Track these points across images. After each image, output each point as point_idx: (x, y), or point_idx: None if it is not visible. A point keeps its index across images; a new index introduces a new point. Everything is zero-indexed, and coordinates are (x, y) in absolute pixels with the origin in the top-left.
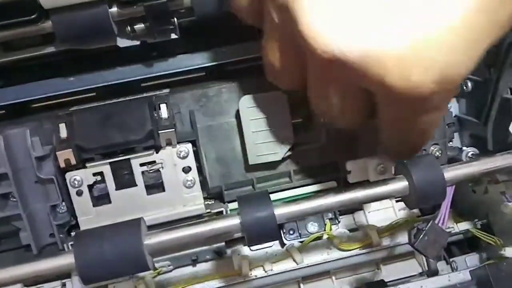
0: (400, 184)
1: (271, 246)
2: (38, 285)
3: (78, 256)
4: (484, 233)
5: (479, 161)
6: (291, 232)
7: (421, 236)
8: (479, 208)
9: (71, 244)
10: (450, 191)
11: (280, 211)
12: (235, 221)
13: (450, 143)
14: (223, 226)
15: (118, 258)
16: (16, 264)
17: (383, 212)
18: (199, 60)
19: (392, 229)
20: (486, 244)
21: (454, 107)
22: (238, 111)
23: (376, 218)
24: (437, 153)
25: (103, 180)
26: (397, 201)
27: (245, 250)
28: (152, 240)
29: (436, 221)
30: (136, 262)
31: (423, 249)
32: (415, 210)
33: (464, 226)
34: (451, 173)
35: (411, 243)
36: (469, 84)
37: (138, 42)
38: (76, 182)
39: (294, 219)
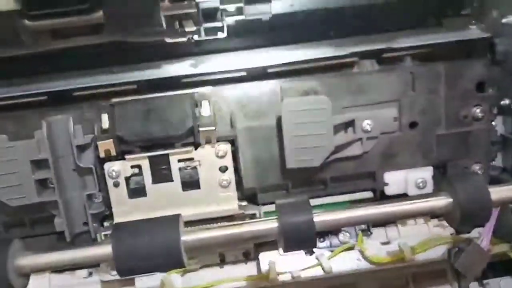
0: (443, 201)
1: (299, 253)
2: (66, 272)
3: (116, 247)
4: None
5: None
6: (321, 239)
7: (462, 256)
8: None
9: (105, 234)
10: (495, 213)
11: (319, 219)
12: (273, 225)
13: (493, 162)
14: (261, 229)
15: (155, 253)
16: (49, 251)
17: (417, 228)
18: (242, 60)
19: (425, 245)
20: None
21: (499, 125)
22: (279, 114)
23: (409, 233)
24: (479, 172)
25: (140, 173)
26: (431, 217)
27: (274, 254)
28: (190, 237)
29: (479, 242)
30: (172, 258)
31: (463, 269)
32: (450, 229)
33: (501, 248)
34: (498, 194)
35: (452, 262)
36: None
37: (185, 39)
38: (114, 173)
39: (332, 228)
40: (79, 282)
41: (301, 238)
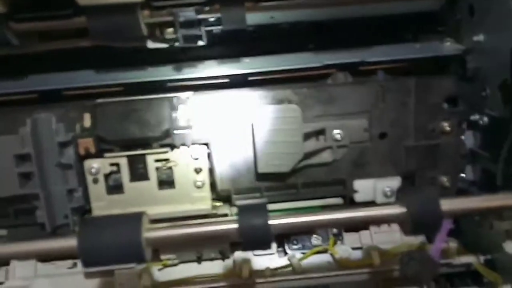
0: (397, 211)
1: (273, 253)
2: (52, 262)
3: (81, 240)
4: (486, 268)
5: (479, 198)
6: (294, 242)
7: (411, 263)
8: (484, 243)
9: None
10: (446, 223)
11: (275, 222)
12: (233, 226)
13: (462, 174)
14: (222, 230)
15: (118, 247)
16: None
17: (389, 235)
18: (224, 68)
19: (393, 252)
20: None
21: (468, 139)
22: (253, 120)
23: (381, 239)
24: (447, 183)
25: (118, 171)
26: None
27: (249, 254)
28: (152, 234)
29: (430, 251)
30: (133, 253)
31: (412, 276)
32: (422, 237)
33: (467, 259)
34: (448, 206)
35: (402, 269)
36: (485, 118)
37: (166, 45)
38: (93, 170)
39: (287, 232)
40: (63, 272)
41: (258, 240)
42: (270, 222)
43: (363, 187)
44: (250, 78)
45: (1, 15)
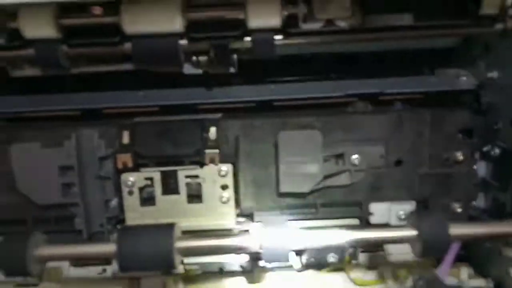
0: (409, 233)
1: (292, 269)
2: (84, 266)
3: (119, 246)
4: None
5: (485, 224)
6: (312, 260)
7: (421, 284)
8: (493, 267)
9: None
10: (455, 247)
11: (293, 239)
12: (254, 240)
13: (474, 202)
14: (244, 242)
15: (152, 254)
16: (63, 244)
17: (403, 257)
18: (251, 93)
19: (407, 273)
20: None
21: (481, 169)
22: (277, 143)
23: (395, 260)
24: (459, 210)
25: (152, 185)
26: None
27: (268, 269)
28: (182, 244)
29: (438, 272)
30: (165, 260)
31: None
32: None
33: (477, 283)
34: (457, 230)
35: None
36: (497, 150)
37: (200, 71)
38: (129, 183)
39: (304, 248)
40: (94, 278)
41: (278, 255)
42: (288, 238)
43: (379, 210)
44: (275, 104)
45: (56, 41)
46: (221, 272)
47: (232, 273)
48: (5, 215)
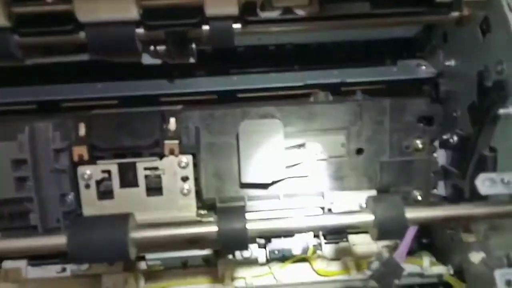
0: (365, 217)
1: (256, 262)
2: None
3: (70, 237)
4: (454, 279)
5: (440, 207)
6: (276, 252)
7: (378, 267)
8: (454, 254)
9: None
10: (412, 230)
11: (252, 226)
12: (213, 228)
13: (434, 190)
14: (202, 232)
15: (105, 245)
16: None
17: (366, 247)
18: (213, 84)
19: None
20: None
21: (440, 157)
22: (238, 133)
23: (359, 251)
24: (419, 197)
25: (109, 178)
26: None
27: (232, 262)
28: (137, 234)
29: (394, 256)
30: (119, 251)
31: (377, 280)
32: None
33: (438, 270)
34: (412, 214)
35: (368, 270)
36: (455, 137)
37: (159, 61)
38: (86, 176)
39: (263, 235)
40: (53, 276)
41: (236, 242)
42: (248, 225)
43: (340, 199)
44: (238, 95)
45: (6, 29)
46: (185, 267)
47: (196, 268)
48: None
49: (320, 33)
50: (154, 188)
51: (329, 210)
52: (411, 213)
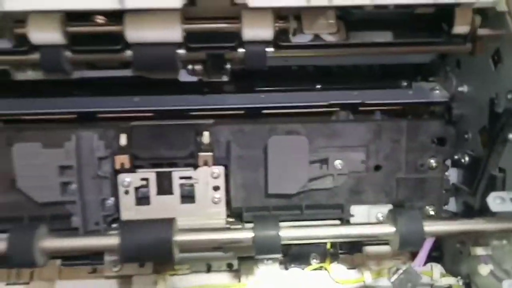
0: (387, 229)
1: (276, 269)
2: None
3: (122, 238)
4: None
5: (455, 221)
6: (295, 261)
7: (398, 274)
8: (463, 267)
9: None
10: (429, 242)
11: (284, 234)
12: (249, 234)
13: (446, 206)
14: (239, 237)
15: (153, 246)
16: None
17: (380, 258)
18: (242, 101)
19: (384, 272)
20: None
21: (452, 175)
22: (266, 148)
23: (373, 261)
24: (432, 212)
25: (147, 185)
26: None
27: (254, 268)
28: (181, 237)
29: (413, 265)
30: (165, 252)
31: (397, 286)
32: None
33: (448, 281)
34: (430, 227)
35: (390, 279)
36: (467, 158)
37: (195, 79)
38: (126, 183)
39: (293, 241)
40: (85, 276)
41: (269, 247)
42: (281, 233)
43: (359, 212)
44: (263, 111)
45: (61, 46)
46: (209, 271)
47: (219, 272)
48: (2, 213)
49: (341, 58)
50: (187, 196)
51: (347, 222)
52: (429, 227)
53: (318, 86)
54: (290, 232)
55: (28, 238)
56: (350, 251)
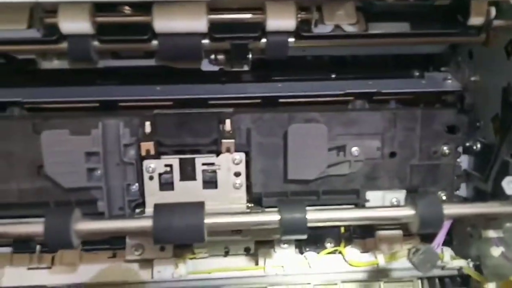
0: (408, 212)
1: (292, 252)
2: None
3: (155, 221)
4: (474, 271)
5: (472, 204)
6: (310, 244)
7: (418, 254)
8: (474, 250)
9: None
10: (447, 224)
11: (310, 216)
12: (275, 217)
13: (457, 191)
14: (266, 220)
15: (184, 229)
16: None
17: (392, 242)
18: (260, 90)
19: (396, 256)
20: (476, 282)
21: (464, 161)
22: (286, 135)
23: (385, 245)
24: (444, 198)
25: (171, 171)
26: (404, 235)
27: (270, 251)
28: (211, 220)
29: (432, 245)
30: (196, 234)
31: (417, 265)
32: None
33: (459, 263)
34: (449, 210)
35: (409, 258)
36: (478, 145)
37: (217, 68)
38: (150, 169)
39: (318, 223)
40: (105, 261)
41: (296, 228)
42: (307, 215)
43: (374, 198)
44: (280, 100)
45: (89, 36)
46: (226, 255)
47: (237, 256)
48: (28, 198)
49: (357, 47)
50: (210, 182)
51: (363, 207)
52: (448, 209)
53: (333, 76)
54: (316, 214)
55: (64, 221)
56: (363, 235)
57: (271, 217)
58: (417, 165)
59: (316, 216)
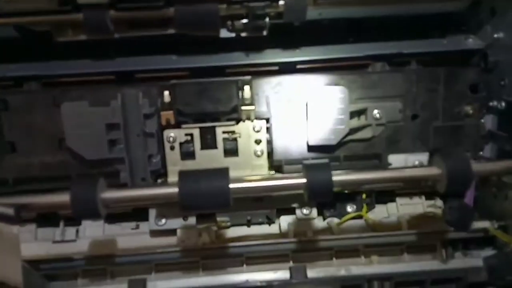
0: (435, 171)
1: (314, 219)
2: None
3: (181, 188)
4: (500, 231)
5: (501, 162)
6: (331, 210)
7: (453, 212)
8: (498, 211)
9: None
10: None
11: (336, 178)
12: (301, 180)
13: (481, 152)
14: (292, 183)
15: (210, 194)
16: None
17: (413, 207)
18: (277, 55)
19: (418, 220)
20: (500, 243)
21: (487, 121)
22: (306, 100)
23: (406, 211)
24: None
25: (192, 140)
26: (426, 199)
27: (292, 219)
28: (236, 185)
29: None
30: (222, 199)
31: (454, 223)
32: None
33: (483, 224)
34: (477, 166)
35: (445, 218)
36: (503, 104)
37: (234, 35)
38: (171, 139)
39: (344, 187)
40: (128, 232)
41: (321, 192)
42: (333, 178)
43: (396, 161)
44: (298, 66)
45: (104, 5)
46: (249, 224)
47: (259, 225)
48: (51, 172)
49: (375, 8)
50: (231, 150)
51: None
52: (477, 167)
53: (350, 40)
54: (342, 176)
55: (91, 190)
56: (384, 201)
57: (296, 180)
58: (440, 126)
59: (342, 178)
